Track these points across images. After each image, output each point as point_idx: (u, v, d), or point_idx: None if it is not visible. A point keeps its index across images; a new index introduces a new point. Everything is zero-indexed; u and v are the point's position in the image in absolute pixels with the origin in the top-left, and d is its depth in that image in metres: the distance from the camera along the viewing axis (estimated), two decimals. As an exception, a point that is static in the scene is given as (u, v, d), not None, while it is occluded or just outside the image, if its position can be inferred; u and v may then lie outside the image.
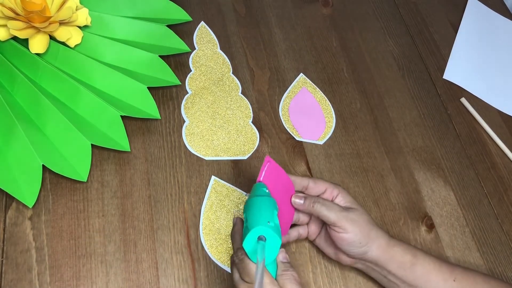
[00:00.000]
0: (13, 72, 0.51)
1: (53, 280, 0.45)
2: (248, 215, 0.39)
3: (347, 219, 0.43)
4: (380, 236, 0.45)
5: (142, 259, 0.47)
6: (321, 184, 0.46)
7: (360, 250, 0.44)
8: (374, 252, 0.44)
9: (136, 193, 0.51)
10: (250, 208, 0.40)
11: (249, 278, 0.38)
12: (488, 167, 0.62)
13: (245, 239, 0.37)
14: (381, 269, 0.45)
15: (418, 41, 0.72)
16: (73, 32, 0.53)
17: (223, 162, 0.55)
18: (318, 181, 0.46)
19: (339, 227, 0.43)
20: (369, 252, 0.44)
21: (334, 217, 0.43)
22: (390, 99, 0.65)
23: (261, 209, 0.39)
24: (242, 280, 0.38)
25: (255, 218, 0.38)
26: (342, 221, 0.43)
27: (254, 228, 0.37)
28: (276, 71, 0.64)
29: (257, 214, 0.39)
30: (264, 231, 0.37)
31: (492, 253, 0.55)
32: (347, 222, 0.43)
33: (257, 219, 0.38)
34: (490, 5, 0.80)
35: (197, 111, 0.58)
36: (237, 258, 0.39)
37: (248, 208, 0.40)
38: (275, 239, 0.37)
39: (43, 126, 0.50)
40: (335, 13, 0.72)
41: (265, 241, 0.37)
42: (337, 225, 0.43)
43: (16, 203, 0.47)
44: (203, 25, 0.65)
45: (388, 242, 0.45)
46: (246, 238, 0.37)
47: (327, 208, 0.44)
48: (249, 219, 0.39)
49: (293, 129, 0.59)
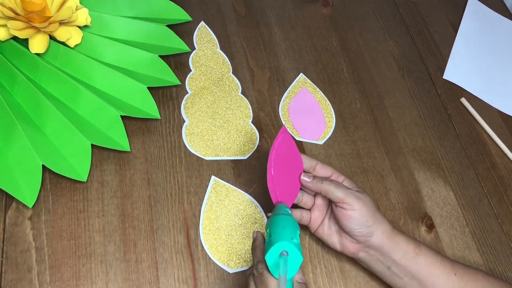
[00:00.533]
0: (13, 72, 0.51)
1: (53, 280, 0.45)
2: (272, 231, 0.40)
3: (355, 196, 0.45)
4: (385, 222, 0.46)
5: (142, 259, 0.47)
6: (328, 168, 0.48)
7: (366, 231, 0.44)
8: (379, 237, 0.45)
9: (136, 193, 0.51)
10: (275, 225, 0.41)
11: None
12: (488, 167, 0.62)
13: (268, 252, 0.38)
14: (385, 259, 0.45)
15: (418, 41, 0.72)
16: (73, 32, 0.53)
17: (223, 162, 0.55)
18: (325, 165, 0.48)
19: (347, 203, 0.44)
20: (374, 236, 0.45)
21: (342, 193, 0.44)
22: (390, 99, 0.65)
23: (286, 227, 0.41)
24: None
25: (279, 233, 0.39)
26: (350, 197, 0.44)
27: (279, 243, 0.38)
28: (276, 71, 0.64)
29: (281, 230, 0.40)
30: (287, 247, 0.38)
31: (492, 253, 0.55)
32: (355, 199, 0.44)
33: (281, 235, 0.39)
34: (490, 5, 0.80)
35: (197, 111, 0.58)
36: (257, 272, 0.39)
37: (272, 224, 0.41)
38: (297, 256, 0.38)
39: (43, 126, 0.50)
40: (335, 13, 0.72)
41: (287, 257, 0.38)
42: (345, 201, 0.44)
43: (16, 203, 0.47)
44: (203, 25, 0.65)
45: (392, 230, 0.46)
46: (269, 252, 0.38)
47: (336, 186, 0.45)
48: (273, 234, 0.40)
49: (293, 129, 0.59)
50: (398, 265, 0.45)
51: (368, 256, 0.46)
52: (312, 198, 0.48)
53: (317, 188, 0.46)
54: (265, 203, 0.53)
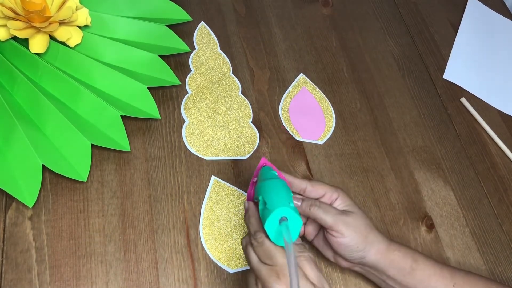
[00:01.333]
0: (13, 72, 0.51)
1: (53, 280, 0.45)
2: (266, 197, 0.38)
3: (344, 223, 0.43)
4: (379, 240, 0.44)
5: (142, 259, 0.47)
6: (320, 188, 0.45)
7: (357, 255, 0.44)
8: (373, 257, 0.44)
9: (136, 193, 0.51)
10: (268, 190, 0.39)
11: (271, 260, 0.36)
12: (488, 167, 0.62)
13: (267, 220, 0.36)
14: (380, 274, 0.45)
15: (418, 41, 0.72)
16: (73, 32, 0.53)
17: (223, 162, 0.55)
18: (316, 185, 0.45)
19: (336, 231, 0.43)
20: (367, 257, 0.44)
21: (331, 220, 0.42)
22: (390, 99, 0.65)
23: (280, 191, 0.39)
24: (262, 263, 0.37)
25: (275, 199, 0.38)
26: (339, 225, 0.42)
27: (277, 209, 0.36)
28: (276, 71, 0.64)
29: (277, 195, 0.38)
30: (287, 212, 0.36)
31: (492, 253, 0.55)
32: (344, 226, 0.42)
33: (278, 201, 0.37)
34: (490, 5, 0.80)
35: (197, 111, 0.58)
36: (256, 241, 0.38)
37: (265, 190, 0.39)
38: (297, 220, 0.37)
39: (43, 126, 0.50)
40: (335, 13, 0.72)
41: (288, 222, 0.36)
42: (334, 229, 0.43)
43: (16, 203, 0.47)
44: (203, 25, 0.65)
45: (388, 247, 0.44)
46: (268, 219, 0.36)
47: (324, 211, 0.43)
48: (269, 200, 0.38)
49: (293, 129, 0.59)
50: (393, 280, 0.44)
51: (364, 271, 0.47)
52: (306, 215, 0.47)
53: (306, 214, 0.44)
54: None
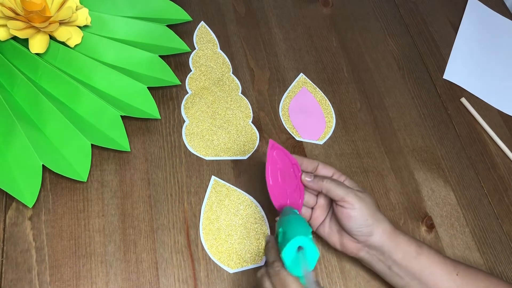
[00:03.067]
0: (13, 72, 0.51)
1: (53, 280, 0.45)
2: (286, 229, 0.40)
3: (355, 195, 0.44)
4: (386, 221, 0.46)
5: (142, 259, 0.47)
6: (330, 168, 0.48)
7: (366, 230, 0.44)
8: (379, 236, 0.44)
9: (136, 193, 0.51)
10: (288, 223, 0.41)
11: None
12: (488, 167, 0.62)
13: (285, 248, 0.38)
14: (386, 259, 0.45)
15: (418, 41, 0.72)
16: (73, 32, 0.53)
17: (223, 162, 0.55)
18: (327, 165, 0.48)
19: (347, 202, 0.44)
20: (374, 235, 0.44)
21: (342, 191, 0.44)
22: (390, 99, 0.65)
23: (299, 224, 0.41)
24: None
25: (294, 230, 0.39)
26: (350, 195, 0.44)
27: (296, 237, 0.38)
28: (276, 71, 0.64)
29: (295, 227, 0.40)
30: (304, 242, 0.38)
31: (492, 253, 0.55)
32: (355, 198, 0.44)
33: (296, 231, 0.39)
34: (490, 5, 0.80)
35: (197, 111, 0.58)
36: (273, 270, 0.39)
37: (285, 223, 0.42)
38: (313, 251, 0.38)
39: (43, 126, 0.50)
40: (335, 13, 0.72)
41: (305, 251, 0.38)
42: (345, 199, 0.44)
43: (16, 203, 0.47)
44: (203, 25, 0.65)
45: (394, 229, 0.45)
46: (286, 247, 0.38)
47: (336, 184, 0.45)
48: (288, 231, 0.40)
49: (293, 129, 0.59)
50: (399, 265, 0.45)
51: (369, 256, 0.46)
52: (315, 197, 0.49)
53: (318, 187, 0.46)
54: (265, 203, 0.53)
